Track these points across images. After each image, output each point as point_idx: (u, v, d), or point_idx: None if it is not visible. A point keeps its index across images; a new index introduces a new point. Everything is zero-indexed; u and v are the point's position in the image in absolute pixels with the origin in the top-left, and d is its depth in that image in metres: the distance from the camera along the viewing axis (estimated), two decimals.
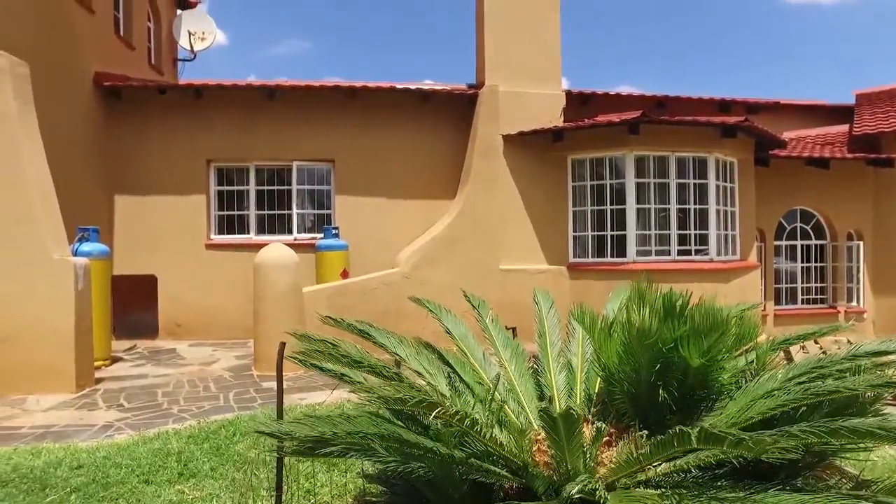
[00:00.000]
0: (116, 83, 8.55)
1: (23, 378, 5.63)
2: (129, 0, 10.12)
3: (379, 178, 9.13)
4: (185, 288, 8.83)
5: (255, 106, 8.94)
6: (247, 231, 9.16)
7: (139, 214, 8.87)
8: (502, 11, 8.82)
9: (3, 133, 5.60)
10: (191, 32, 11.71)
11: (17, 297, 5.60)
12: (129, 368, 7.02)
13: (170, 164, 8.89)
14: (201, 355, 7.78)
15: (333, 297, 7.31)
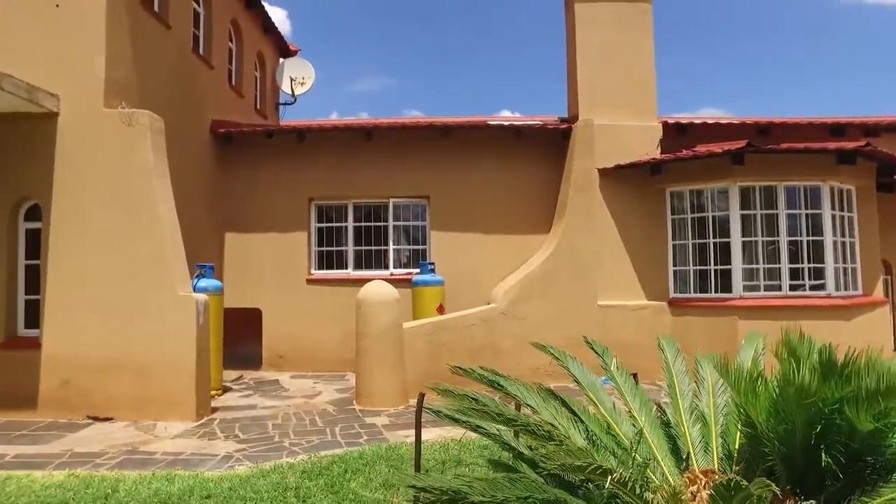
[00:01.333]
0: (230, 129, 9.24)
1: (152, 405, 6.06)
2: (241, 54, 10.96)
3: (472, 213, 9.23)
4: (287, 321, 9.23)
5: (353, 145, 9.35)
6: (345, 266, 9.49)
7: (246, 251, 9.43)
8: (595, 43, 8.80)
9: (143, 183, 6.17)
10: (292, 78, 12.51)
11: (150, 331, 6.07)
12: (239, 399, 7.37)
13: (274, 202, 9.42)
14: (304, 387, 8.05)
15: (432, 332, 7.40)
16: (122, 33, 6.72)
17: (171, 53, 8.03)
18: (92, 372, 6.18)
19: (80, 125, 6.36)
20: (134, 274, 6.17)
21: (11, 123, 6.32)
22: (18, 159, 6.40)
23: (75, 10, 6.45)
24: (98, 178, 6.29)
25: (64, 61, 6.42)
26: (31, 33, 6.47)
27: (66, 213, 6.29)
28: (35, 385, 6.25)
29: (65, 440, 5.51)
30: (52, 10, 6.45)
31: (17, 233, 6.54)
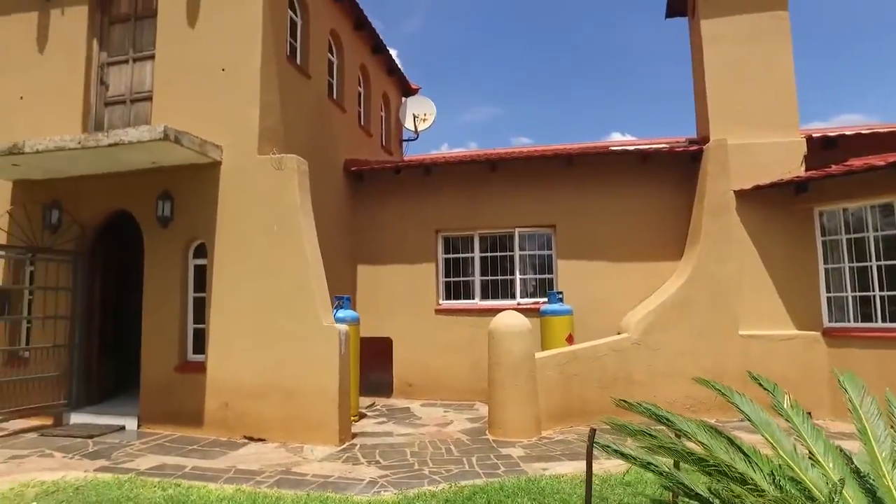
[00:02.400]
0: (361, 167, 9.83)
1: (299, 429, 6.48)
2: (369, 96, 11.68)
3: (599, 241, 9.06)
4: (417, 350, 9.51)
5: (478, 177, 9.57)
6: (472, 296, 9.65)
7: (377, 282, 9.88)
8: (725, 59, 8.42)
9: (292, 221, 6.74)
10: (415, 115, 13.09)
11: (297, 359, 6.54)
12: (375, 425, 7.65)
13: (403, 235, 9.84)
14: (435, 416, 8.21)
15: (563, 363, 7.28)
16: (271, 87, 7.44)
17: (311, 100, 8.74)
18: (247, 395, 6.74)
19: (238, 171, 7.09)
20: (282, 305, 6.70)
21: (186, 173, 7.20)
22: (190, 204, 7.24)
23: (236, 71, 7.26)
24: (252, 218, 6.95)
25: (226, 116, 7.23)
26: (202, 94, 7.36)
27: (227, 250, 7.00)
28: (201, 405, 6.92)
29: (228, 457, 6.03)
30: (219, 73, 7.30)
31: (188, 269, 7.36)
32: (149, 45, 8.03)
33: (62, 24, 8.29)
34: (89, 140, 6.40)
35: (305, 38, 8.76)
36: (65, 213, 7.88)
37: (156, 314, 7.32)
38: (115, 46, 8.29)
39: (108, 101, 8.17)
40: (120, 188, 7.64)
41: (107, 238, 8.36)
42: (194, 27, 7.61)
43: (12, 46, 8.48)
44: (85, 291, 7.99)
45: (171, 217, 7.26)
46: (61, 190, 7.91)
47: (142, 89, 8.00)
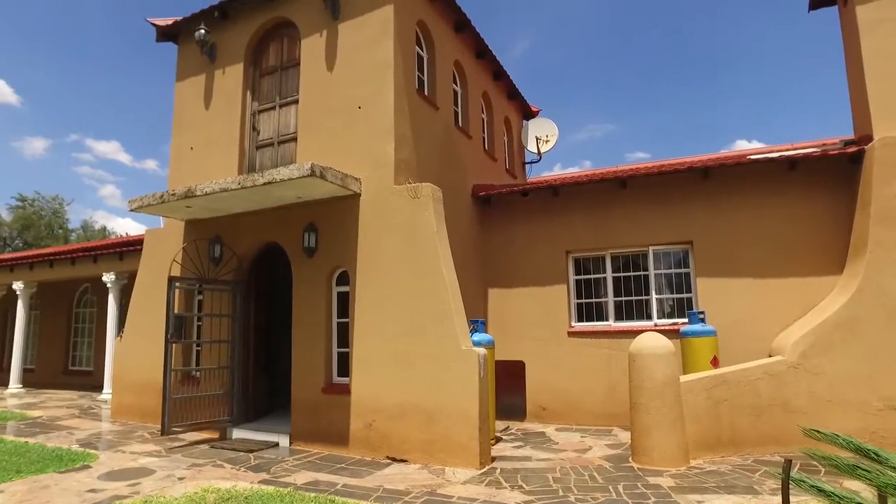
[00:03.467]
0: (489, 192, 9.98)
1: (440, 451, 6.59)
2: (491, 121, 11.89)
3: (742, 256, 8.43)
4: (550, 373, 9.36)
5: (607, 195, 9.34)
6: (605, 318, 9.35)
7: (508, 305, 9.90)
8: (887, 44, 7.57)
9: (428, 247, 6.98)
10: (538, 137, 13.09)
11: (436, 382, 6.69)
12: (512, 449, 7.59)
13: (532, 257, 9.80)
14: (572, 441, 7.99)
15: (711, 387, 6.80)
16: (404, 120, 7.82)
17: (439, 130, 9.06)
18: (389, 417, 6.99)
19: (376, 202, 7.49)
20: (421, 328, 6.91)
21: (328, 206, 7.75)
22: (333, 235, 7.76)
23: (371, 107, 7.74)
24: (391, 245, 7.29)
25: (363, 150, 7.70)
26: (340, 131, 7.93)
27: (367, 276, 7.38)
28: (346, 426, 7.28)
29: (374, 476, 6.26)
30: (356, 111, 7.82)
31: (332, 296, 7.85)
32: (293, 91, 8.81)
33: (223, 82, 9.36)
34: (247, 180, 7.10)
35: (432, 71, 9.14)
36: (225, 247, 8.77)
37: (304, 339, 7.86)
38: (264, 96, 9.18)
39: (259, 144, 9.04)
40: (270, 223, 8.38)
41: (258, 268, 9.16)
42: (332, 71, 8.23)
43: (186, 106, 9.74)
44: (242, 317, 8.79)
45: (316, 247, 7.81)
46: (222, 226, 8.84)
47: (287, 131, 8.77)
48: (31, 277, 14.97)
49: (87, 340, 17.12)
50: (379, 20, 7.94)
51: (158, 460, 7.00)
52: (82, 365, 17.06)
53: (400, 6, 8.06)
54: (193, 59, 9.87)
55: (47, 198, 45.63)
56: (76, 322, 17.49)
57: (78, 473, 6.36)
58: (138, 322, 9.86)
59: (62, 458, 7.06)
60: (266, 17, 9.16)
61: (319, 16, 8.52)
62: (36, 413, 10.97)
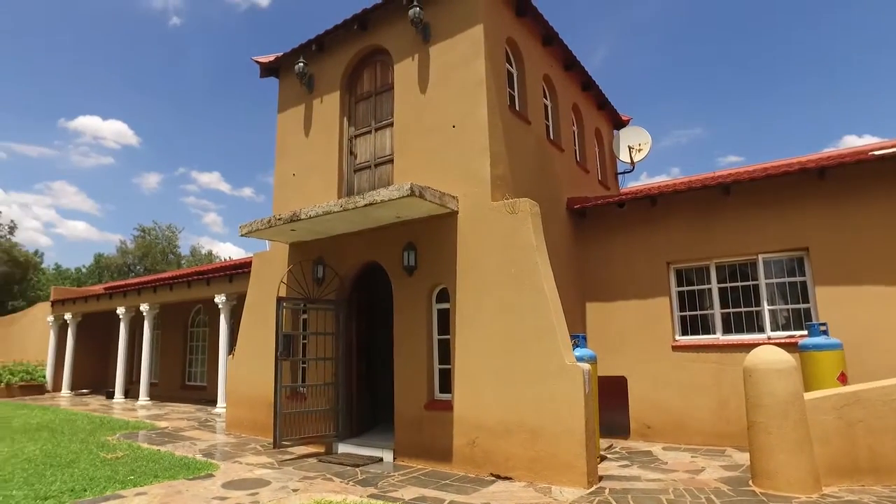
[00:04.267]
0: (584, 205, 9.83)
1: (545, 469, 6.48)
2: (582, 133, 11.73)
3: (870, 262, 7.74)
4: (654, 389, 8.99)
5: (709, 202, 8.92)
6: (712, 331, 8.89)
7: (607, 319, 9.64)
8: None
9: (528, 262, 6.96)
10: (630, 147, 12.76)
11: (540, 398, 6.61)
12: (619, 468, 7.33)
13: (631, 270, 9.51)
14: (682, 461, 7.61)
15: (842, 406, 6.26)
16: (498, 137, 7.88)
17: (532, 144, 9.05)
18: (492, 434, 6.97)
19: (474, 219, 7.57)
20: (523, 344, 6.86)
21: (426, 224, 7.92)
22: (432, 253, 7.91)
23: (465, 126, 7.87)
24: (490, 262, 7.32)
25: (458, 168, 7.83)
26: (435, 151, 8.12)
27: (467, 293, 7.44)
28: (449, 442, 7.32)
29: (480, 493, 6.25)
30: (450, 130, 7.99)
31: (432, 313, 7.98)
32: (387, 115, 9.13)
33: (321, 110, 9.87)
34: (349, 203, 7.40)
35: (522, 86, 9.17)
36: (327, 267, 9.16)
37: (405, 356, 8.03)
38: (360, 121, 9.57)
39: (357, 167, 9.41)
40: (370, 243, 8.67)
41: (359, 287, 9.47)
42: (425, 93, 8.45)
43: (287, 135, 10.36)
44: (345, 335, 9.11)
45: (416, 265, 7.99)
46: (324, 248, 9.24)
47: (383, 154, 9.08)
48: (154, 300, 16.32)
49: (200, 357, 18.36)
50: (469, 40, 8.09)
51: (272, 472, 7.34)
52: (197, 380, 18.30)
53: (489, 25, 8.17)
54: (293, 91, 10.48)
55: (162, 227, 49.91)
56: (191, 340, 18.82)
57: (204, 481, 6.80)
58: (248, 341, 10.47)
59: (189, 466, 7.58)
60: (360, 46, 9.57)
61: (410, 40, 8.80)
62: (162, 424, 11.86)
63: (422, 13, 8.46)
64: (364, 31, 9.49)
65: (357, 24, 9.42)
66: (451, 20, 8.36)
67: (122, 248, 47.89)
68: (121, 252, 47.62)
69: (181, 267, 46.23)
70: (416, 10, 8.41)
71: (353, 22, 9.44)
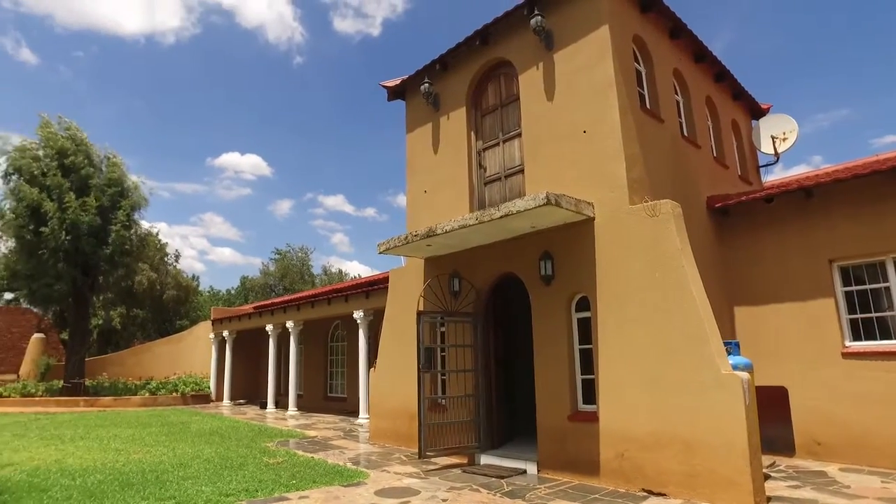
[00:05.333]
0: (726, 202, 9.19)
1: (703, 485, 6.07)
2: (718, 126, 11.02)
3: None
4: (822, 401, 8.12)
5: (879, 190, 7.95)
6: (892, 336, 7.88)
7: (758, 324, 8.90)
8: None
9: (674, 266, 6.63)
10: (773, 137, 11.77)
11: (694, 408, 6.23)
12: (788, 489, 6.69)
13: (784, 269, 8.72)
14: (869, 485, 6.77)
15: None
16: (631, 139, 7.62)
17: (666, 143, 8.64)
18: (642, 446, 6.66)
19: (611, 224, 7.35)
20: (672, 353, 6.51)
21: (561, 232, 7.83)
22: (569, 261, 7.79)
23: (596, 130, 7.70)
24: (631, 268, 7.06)
25: (592, 174, 7.67)
26: (567, 158, 8.02)
27: (608, 301, 7.22)
28: (596, 455, 7.11)
29: None
30: (580, 136, 7.86)
31: (571, 322, 7.83)
32: (514, 126, 9.16)
33: (448, 127, 10.14)
34: (484, 215, 7.50)
35: (652, 83, 8.82)
36: (463, 280, 9.32)
37: (546, 366, 7.93)
38: (487, 134, 9.70)
39: (487, 180, 9.52)
40: (504, 254, 8.71)
41: (495, 298, 9.53)
42: (552, 100, 8.39)
43: (416, 154, 10.75)
44: (483, 347, 9.19)
45: (553, 275, 7.90)
46: (459, 261, 9.42)
47: (513, 165, 9.12)
48: (298, 317, 17.57)
49: (340, 370, 19.41)
50: (595, 43, 7.93)
51: (419, 482, 7.54)
52: (338, 392, 19.35)
53: (615, 25, 7.96)
54: (420, 111, 10.86)
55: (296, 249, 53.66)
56: (330, 354, 19.97)
57: (357, 488, 7.14)
58: (388, 354, 10.90)
59: (342, 473, 8.00)
60: (483, 60, 9.73)
61: (534, 50, 8.79)
62: (312, 433, 12.67)
63: (544, 21, 8.43)
64: (486, 46, 9.63)
65: (479, 39, 9.59)
66: (575, 24, 8.24)
67: (263, 270, 52.15)
68: (263, 274, 51.85)
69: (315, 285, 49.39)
70: (538, 18, 8.40)
71: (475, 38, 9.62)
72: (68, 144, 20.76)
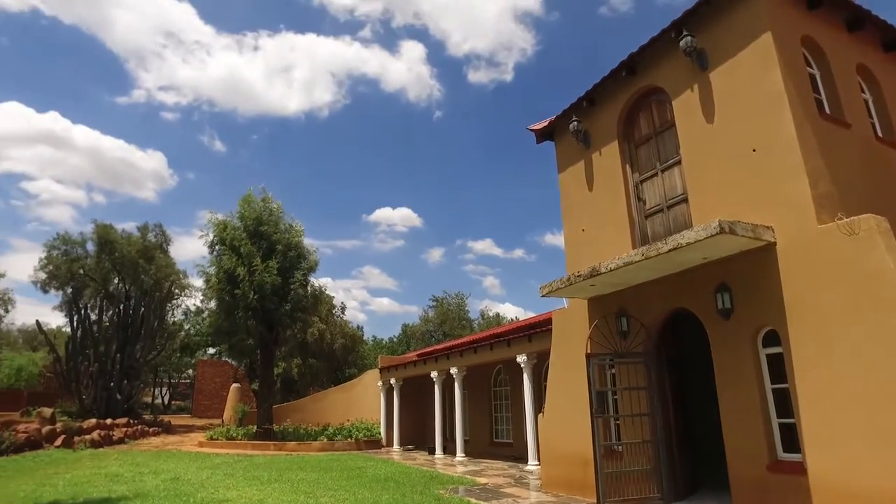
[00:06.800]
0: None
1: None
2: None
3: None
4: None
5: None
6: None
7: None
8: None
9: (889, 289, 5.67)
10: None
11: None
12: None
13: None
14: None
15: None
16: (812, 150, 6.84)
17: (855, 150, 7.63)
18: None
19: (797, 248, 6.58)
20: None
21: (737, 261, 7.17)
22: (749, 291, 7.06)
23: (768, 147, 7.05)
24: (828, 295, 6.20)
25: (767, 194, 6.98)
26: (735, 180, 7.42)
27: (803, 335, 6.38)
28: None
29: None
30: (749, 155, 7.24)
31: (759, 359, 7.02)
32: (672, 153, 8.71)
33: (601, 162, 9.93)
34: (651, 251, 7.12)
35: (830, 86, 7.92)
36: (631, 318, 8.87)
37: (733, 409, 7.17)
38: (643, 165, 9.32)
39: (647, 213, 9.09)
40: (674, 288, 8.16)
41: (666, 336, 8.92)
42: (713, 122, 7.86)
43: (571, 193, 10.65)
44: (657, 389, 8.59)
45: (732, 308, 7.21)
46: (624, 299, 9.01)
47: (674, 194, 8.62)
48: (461, 363, 17.87)
49: (504, 415, 19.26)
50: (757, 53, 7.35)
51: None
52: (503, 437, 19.16)
53: (778, 30, 7.32)
54: (570, 149, 10.77)
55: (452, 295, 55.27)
56: (494, 399, 19.95)
57: None
58: (557, 399, 10.60)
59: None
60: (631, 91, 9.45)
61: (686, 72, 8.36)
62: (482, 480, 12.59)
63: (694, 41, 8.02)
64: (633, 76, 9.36)
65: (625, 70, 9.36)
66: (731, 38, 7.73)
67: (423, 318, 54.31)
68: (423, 321, 53.96)
69: (473, 330, 50.17)
70: (689, 39, 8.02)
71: (621, 69, 9.40)
72: (264, 214, 23.66)
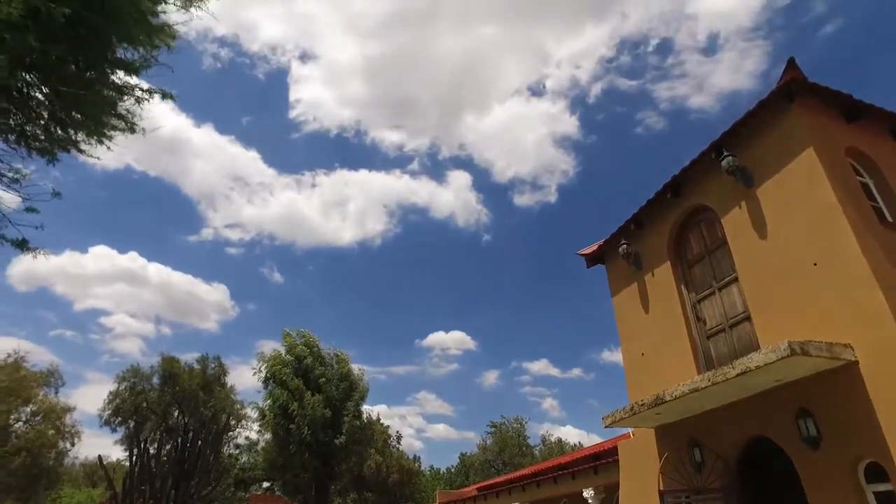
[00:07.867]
0: None
1: None
2: None
3: None
4: None
5: None
6: None
7: None
8: None
9: None
10: None
11: None
12: None
13: None
14: None
15: None
16: (879, 260, 6.53)
17: None
18: None
19: (885, 365, 6.06)
20: None
21: (816, 383, 6.64)
22: (837, 416, 6.42)
23: (829, 260, 6.80)
24: None
25: (838, 309, 6.60)
26: (800, 295, 7.09)
27: None
28: None
29: None
30: (811, 269, 6.97)
31: (865, 495, 6.20)
32: (728, 271, 8.49)
33: (654, 284, 9.75)
34: (717, 376, 6.71)
35: (886, 192, 7.73)
36: (704, 448, 8.18)
37: None
38: (699, 284, 9.08)
39: (709, 333, 8.71)
40: (749, 414, 7.55)
41: (748, 467, 8.13)
42: (766, 238, 7.71)
43: (626, 316, 10.41)
44: None
45: (820, 435, 6.56)
46: (694, 427, 8.38)
47: (735, 312, 8.27)
48: (523, 497, 16.67)
49: None
50: (802, 169, 7.32)
51: None
52: None
53: (821, 145, 7.32)
54: (622, 272, 10.66)
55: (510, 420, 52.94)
56: None
57: None
58: None
59: None
60: (678, 212, 9.46)
61: (731, 189, 8.36)
62: None
63: (735, 160, 8.09)
64: (678, 196, 9.41)
65: (669, 191, 9.43)
66: (773, 155, 7.77)
67: (481, 446, 51.67)
68: (481, 449, 51.27)
69: (535, 458, 47.30)
70: (730, 159, 8.10)
71: (665, 191, 9.49)
72: (304, 351, 24.15)
